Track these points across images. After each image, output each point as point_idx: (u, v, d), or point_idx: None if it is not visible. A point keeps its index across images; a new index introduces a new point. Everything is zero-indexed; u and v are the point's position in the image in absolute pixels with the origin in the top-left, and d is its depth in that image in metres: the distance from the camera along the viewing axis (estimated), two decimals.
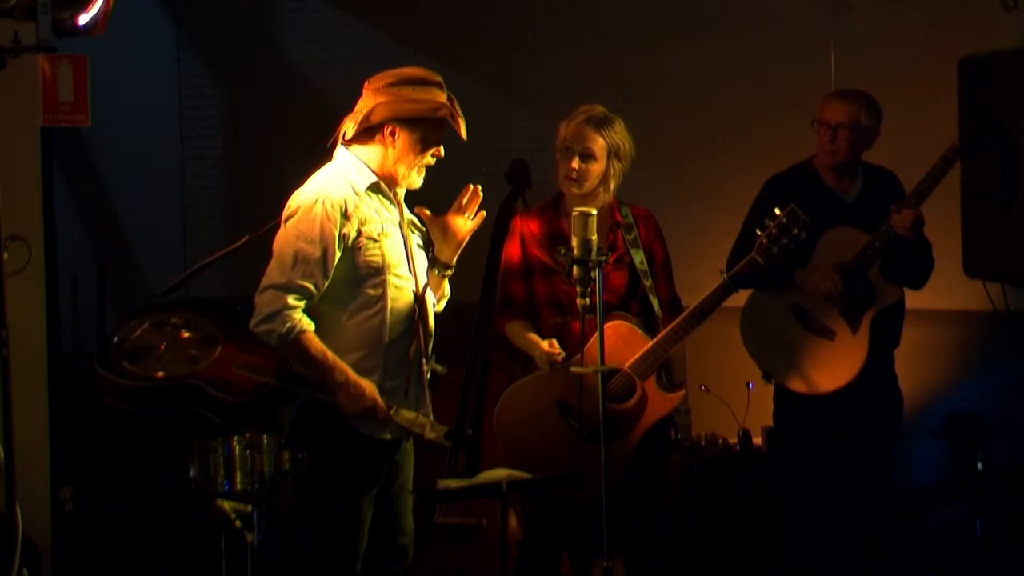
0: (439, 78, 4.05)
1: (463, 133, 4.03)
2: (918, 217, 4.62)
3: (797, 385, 4.77)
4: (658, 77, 6.09)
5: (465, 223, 4.18)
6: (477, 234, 5.44)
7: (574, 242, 3.96)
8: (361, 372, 3.97)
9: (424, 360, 4.09)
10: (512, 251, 4.71)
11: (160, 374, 4.24)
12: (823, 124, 4.77)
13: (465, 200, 4.18)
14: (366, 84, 4.06)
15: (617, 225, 4.64)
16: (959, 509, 4.99)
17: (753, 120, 5.91)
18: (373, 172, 4.04)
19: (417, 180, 4.08)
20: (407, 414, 4.00)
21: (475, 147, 5.31)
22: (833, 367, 4.72)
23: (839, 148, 4.76)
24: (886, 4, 5.78)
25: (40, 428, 5.13)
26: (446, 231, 4.17)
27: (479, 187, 4.18)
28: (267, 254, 4.03)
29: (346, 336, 3.99)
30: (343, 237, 3.94)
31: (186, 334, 4.34)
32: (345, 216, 3.94)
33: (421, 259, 4.15)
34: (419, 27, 6.45)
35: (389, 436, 4.03)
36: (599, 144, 4.56)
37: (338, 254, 3.94)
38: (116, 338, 4.38)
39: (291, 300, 3.89)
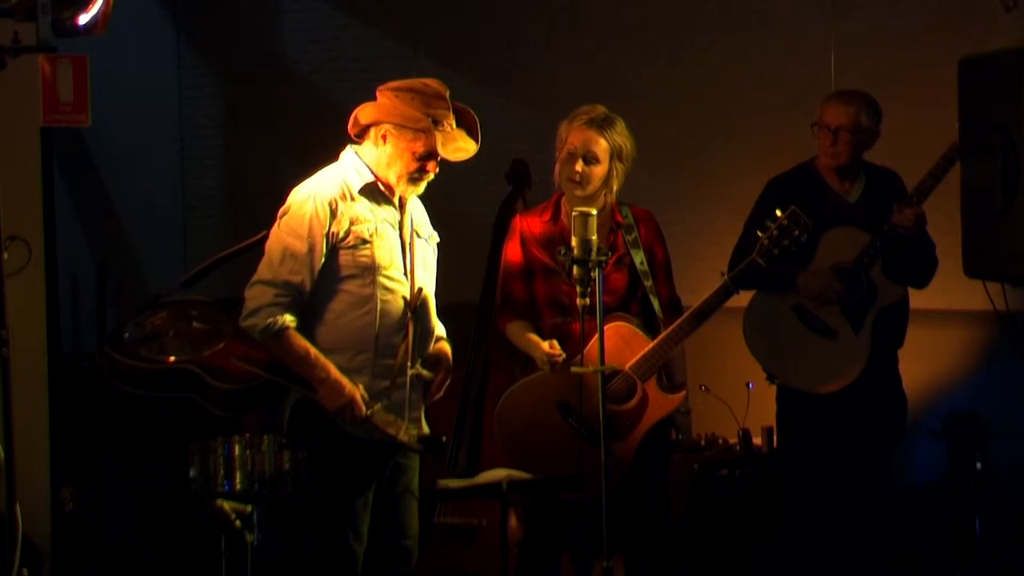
0: (446, 93, 4.05)
1: (440, 150, 4.00)
2: (920, 215, 4.62)
3: (800, 385, 4.77)
4: (658, 77, 6.09)
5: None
6: (477, 234, 5.47)
7: (574, 242, 3.96)
8: (350, 371, 3.97)
9: (409, 364, 4.08)
10: (512, 251, 4.71)
11: (168, 358, 4.26)
12: (823, 127, 4.76)
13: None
14: (378, 88, 4.08)
15: (618, 226, 4.64)
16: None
17: (753, 120, 5.90)
18: (372, 173, 4.05)
19: (411, 188, 4.08)
20: (383, 415, 4.00)
21: None
22: (836, 367, 4.72)
23: (840, 151, 4.75)
24: (886, 4, 5.78)
25: (40, 428, 5.12)
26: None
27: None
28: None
29: (336, 334, 4.00)
30: (331, 235, 3.96)
31: (198, 325, 4.37)
32: (333, 215, 3.96)
33: (425, 263, 4.15)
34: (420, 27, 6.45)
35: (378, 436, 4.03)
36: (602, 147, 4.56)
37: (324, 252, 3.95)
38: (132, 323, 4.41)
39: (276, 296, 3.93)
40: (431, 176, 4.07)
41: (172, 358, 4.25)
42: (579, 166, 4.55)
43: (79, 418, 5.46)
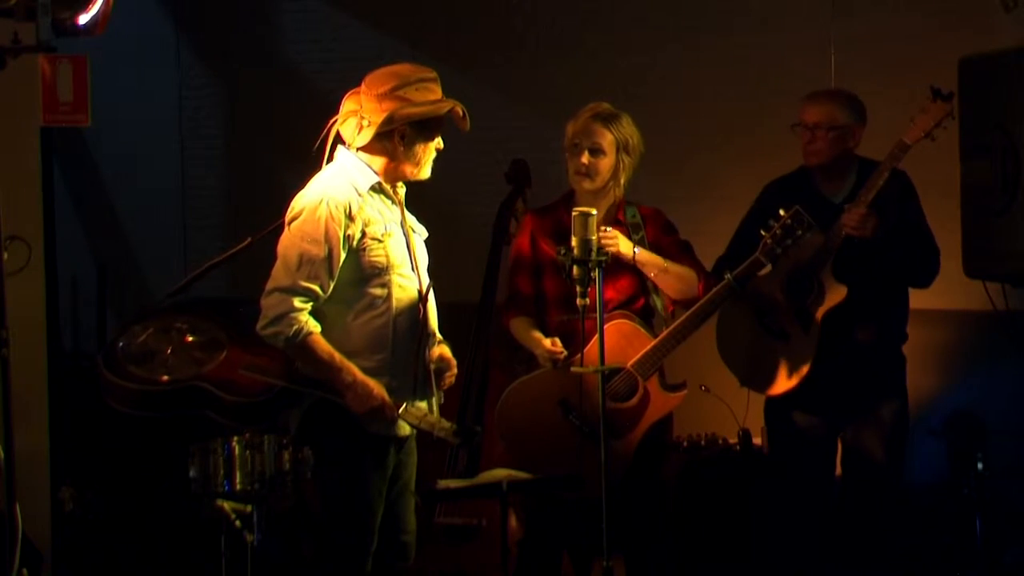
0: (433, 72, 4.08)
1: (467, 127, 4.06)
2: (865, 215, 4.54)
3: (759, 390, 4.76)
4: (658, 77, 6.08)
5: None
6: (477, 234, 5.47)
7: (574, 242, 3.96)
8: (368, 372, 3.97)
9: (430, 359, 4.09)
10: (522, 246, 4.72)
11: (165, 377, 4.24)
12: (802, 126, 4.74)
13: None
14: (363, 90, 4.05)
15: (620, 223, 4.64)
16: None
17: (753, 120, 5.89)
18: (375, 172, 4.05)
19: (427, 172, 4.10)
20: (416, 412, 4.01)
21: (475, 147, 5.33)
22: (785, 368, 4.68)
23: (819, 149, 4.71)
24: (886, 4, 5.78)
25: (40, 428, 5.12)
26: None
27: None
28: (269, 255, 4.03)
29: (352, 337, 3.99)
30: (348, 238, 3.94)
31: (191, 338, 4.35)
32: (349, 217, 3.95)
33: (423, 258, 4.16)
34: (419, 27, 6.45)
35: (400, 433, 4.04)
36: (607, 139, 4.58)
37: (343, 255, 3.94)
38: (121, 342, 4.39)
39: (297, 302, 3.89)
40: (435, 154, 4.09)
41: (177, 376, 4.23)
42: (585, 158, 4.57)
43: (79, 418, 5.46)
